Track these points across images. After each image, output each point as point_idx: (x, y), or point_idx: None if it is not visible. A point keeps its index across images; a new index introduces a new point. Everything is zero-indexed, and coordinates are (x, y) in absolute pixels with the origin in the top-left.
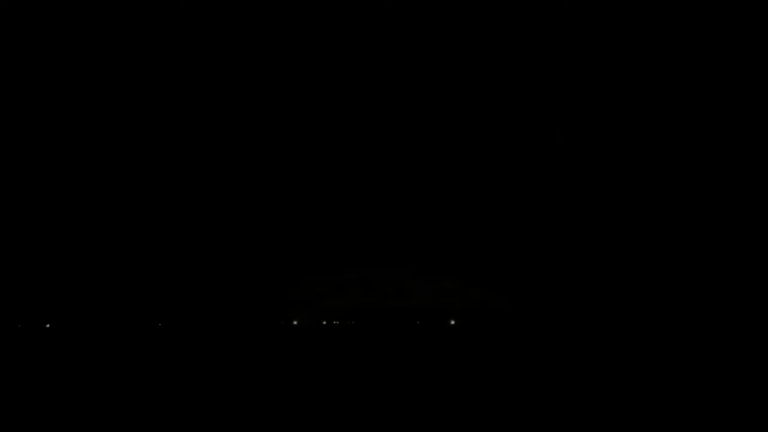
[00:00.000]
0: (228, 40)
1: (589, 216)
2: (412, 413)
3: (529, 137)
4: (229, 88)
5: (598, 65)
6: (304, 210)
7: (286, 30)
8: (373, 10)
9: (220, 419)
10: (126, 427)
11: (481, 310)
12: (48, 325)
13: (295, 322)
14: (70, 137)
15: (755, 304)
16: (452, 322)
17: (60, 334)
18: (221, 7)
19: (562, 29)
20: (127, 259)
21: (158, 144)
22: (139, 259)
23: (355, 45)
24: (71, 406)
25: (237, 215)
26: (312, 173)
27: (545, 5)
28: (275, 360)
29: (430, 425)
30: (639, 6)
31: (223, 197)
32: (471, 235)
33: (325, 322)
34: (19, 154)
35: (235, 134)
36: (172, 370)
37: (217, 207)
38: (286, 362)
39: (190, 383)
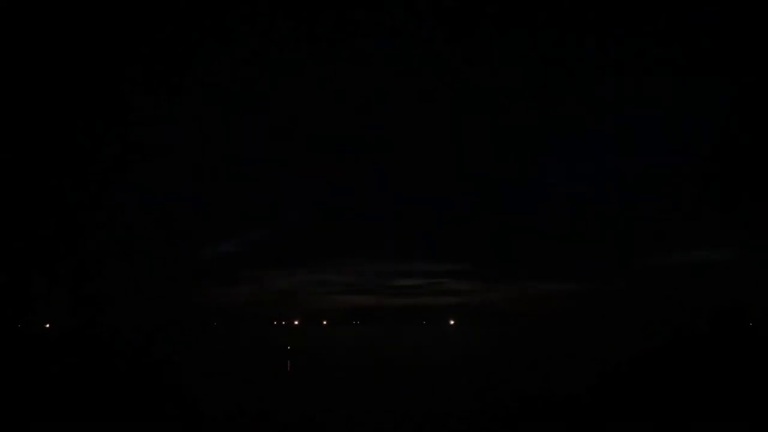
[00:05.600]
0: None
1: None
2: (413, 412)
3: None
4: None
5: None
6: (304, 210)
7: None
8: None
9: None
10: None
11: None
12: None
13: (296, 322)
14: None
15: None
16: (452, 322)
17: None
18: None
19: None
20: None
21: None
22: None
23: None
24: None
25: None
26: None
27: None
28: (276, 359)
29: (431, 424)
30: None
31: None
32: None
33: (325, 322)
34: None
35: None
36: (170, 370)
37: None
38: (287, 361)
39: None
